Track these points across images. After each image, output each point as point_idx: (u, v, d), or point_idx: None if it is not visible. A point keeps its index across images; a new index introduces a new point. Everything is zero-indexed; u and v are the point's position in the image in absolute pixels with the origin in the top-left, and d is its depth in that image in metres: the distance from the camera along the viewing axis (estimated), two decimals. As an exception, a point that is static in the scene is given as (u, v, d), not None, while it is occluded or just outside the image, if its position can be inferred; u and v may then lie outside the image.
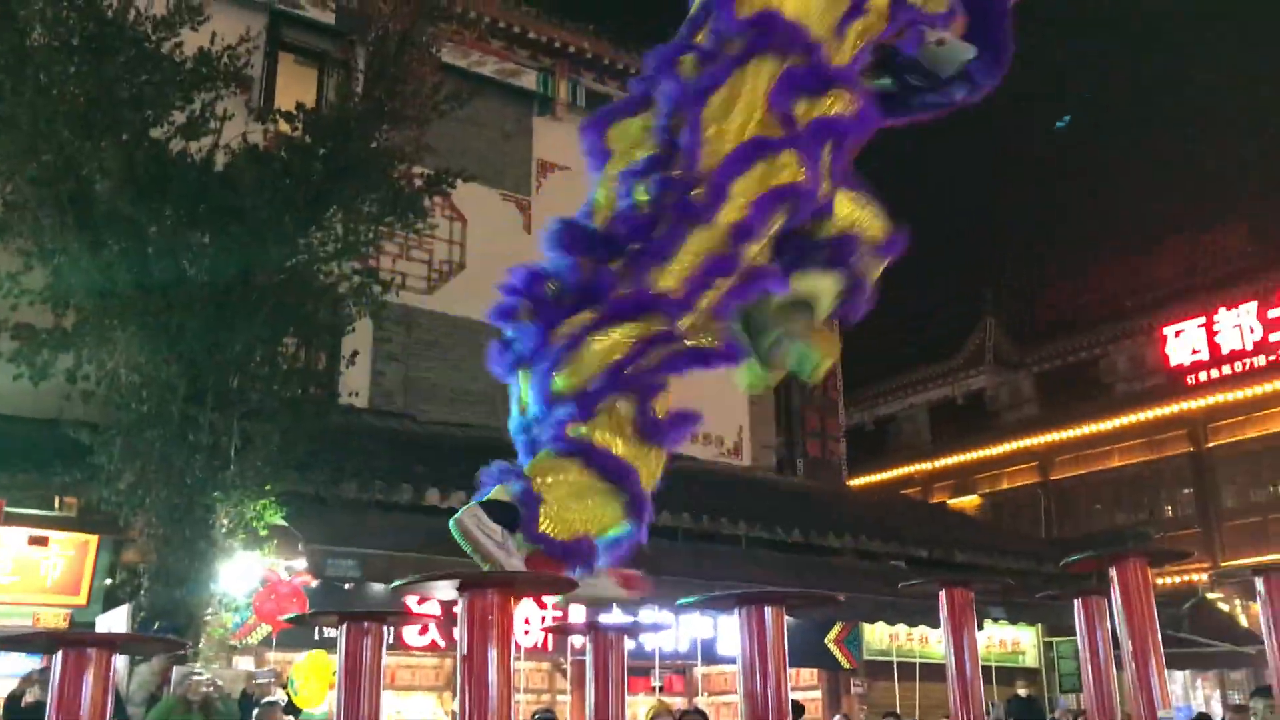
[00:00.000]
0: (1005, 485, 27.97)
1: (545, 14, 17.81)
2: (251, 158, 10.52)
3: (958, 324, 31.85)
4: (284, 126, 11.29)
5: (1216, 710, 17.43)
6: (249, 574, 10.24)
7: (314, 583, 10.72)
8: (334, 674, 9.45)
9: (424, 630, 12.03)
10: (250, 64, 11.61)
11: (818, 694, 15.09)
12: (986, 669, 4.61)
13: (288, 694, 9.29)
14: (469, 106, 13.06)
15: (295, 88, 14.61)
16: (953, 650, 4.40)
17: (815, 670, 14.89)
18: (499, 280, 3.90)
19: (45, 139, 9.63)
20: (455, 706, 12.59)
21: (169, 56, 10.37)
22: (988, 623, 14.80)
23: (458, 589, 2.71)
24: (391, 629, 3.63)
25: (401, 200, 11.27)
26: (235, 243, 9.97)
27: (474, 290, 16.09)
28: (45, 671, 7.53)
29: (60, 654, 2.65)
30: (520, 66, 17.21)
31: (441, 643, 12.14)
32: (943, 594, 4.44)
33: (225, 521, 9.93)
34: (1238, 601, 21.59)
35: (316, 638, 11.02)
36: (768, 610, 3.15)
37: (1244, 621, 20.74)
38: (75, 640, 2.73)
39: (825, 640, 14.43)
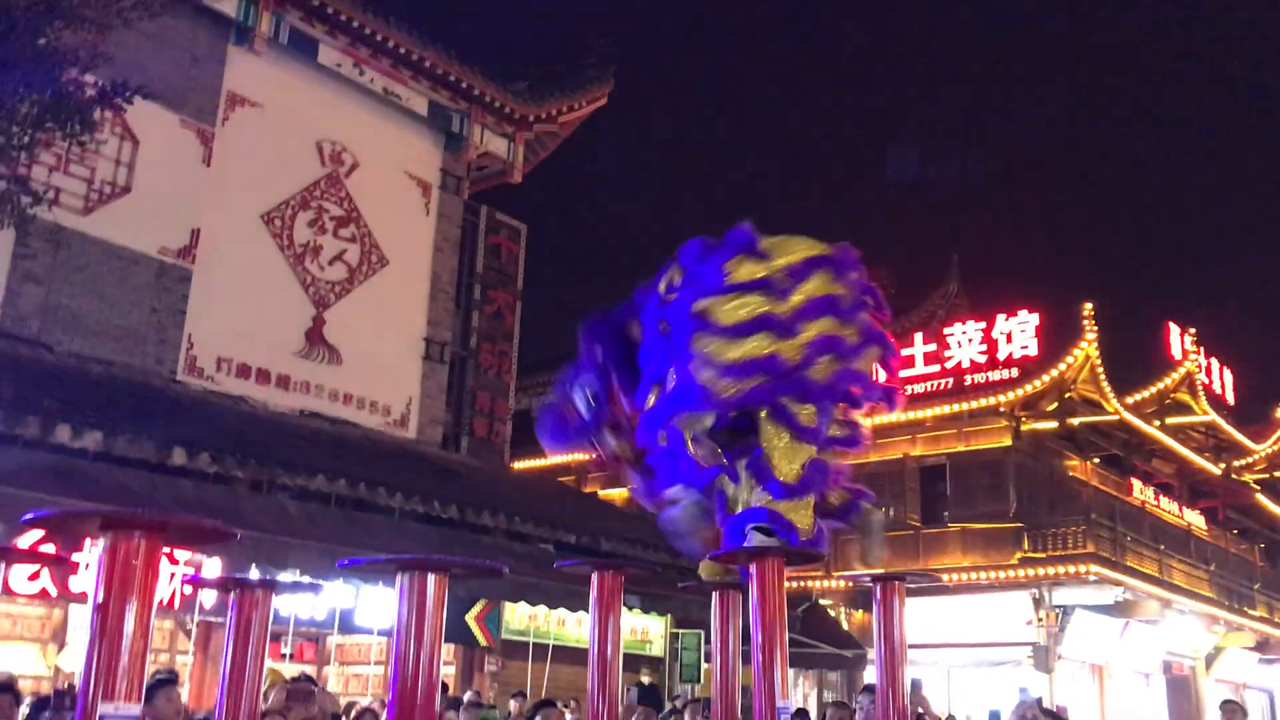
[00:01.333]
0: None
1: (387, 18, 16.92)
2: None
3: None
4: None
5: (813, 707, 19.03)
6: None
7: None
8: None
9: (35, 576, 10.99)
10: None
11: (452, 669, 15.14)
12: (620, 653, 4.82)
13: None
14: (159, 20, 12.10)
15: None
16: (597, 633, 4.57)
17: (451, 646, 14.93)
18: (167, 210, 4.00)
19: None
20: (60, 661, 11.68)
21: None
22: (623, 610, 15.38)
23: (100, 528, 2.51)
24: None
25: (67, 107, 10.25)
26: None
27: (138, 218, 14.88)
28: None
29: None
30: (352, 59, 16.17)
31: (54, 591, 11.15)
32: (595, 577, 4.61)
33: None
34: (843, 609, 23.70)
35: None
36: (430, 578, 3.14)
37: (846, 627, 22.81)
38: None
39: (466, 617, 14.50)
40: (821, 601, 23.15)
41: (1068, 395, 22.94)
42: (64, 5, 10.13)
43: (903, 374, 24.91)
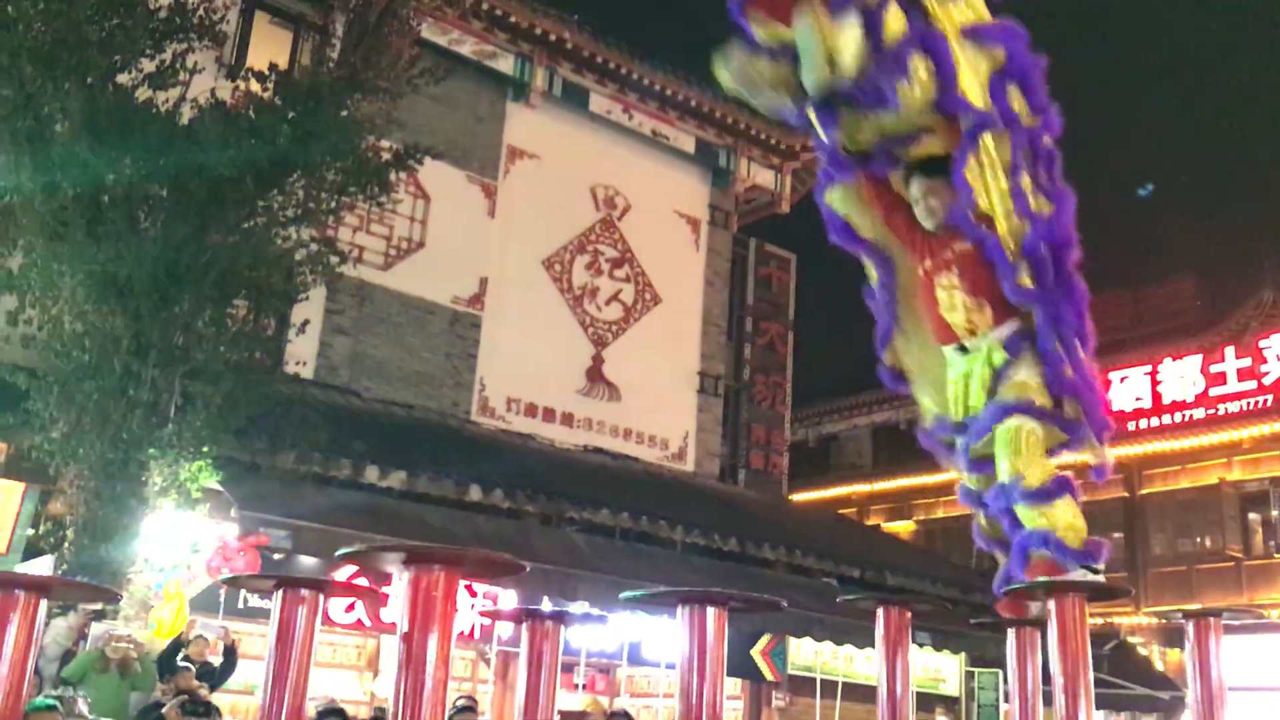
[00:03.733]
0: (940, 514, 28.23)
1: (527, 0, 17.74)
2: (219, 114, 10.32)
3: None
4: (254, 86, 11.08)
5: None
6: (178, 536, 10.03)
7: (268, 548, 10.51)
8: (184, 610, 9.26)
9: (350, 608, 11.88)
10: (225, 20, 11.40)
11: (740, 704, 15.11)
12: (911, 692, 4.62)
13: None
14: (443, 84, 12.94)
15: (268, 48, 14.38)
16: (885, 670, 4.40)
17: (739, 681, 14.91)
18: (457, 261, 4.23)
19: (6, 74, 9.37)
20: (375, 687, 12.41)
21: (143, 2, 10.14)
22: (914, 648, 14.88)
23: (404, 562, 2.65)
24: (321, 601, 3.55)
25: (367, 172, 11.12)
26: (193, 198, 9.77)
27: (432, 270, 15.93)
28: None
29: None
30: (498, 49, 17.08)
31: (367, 622, 12.00)
32: (880, 612, 4.44)
33: (158, 480, 9.72)
34: (1155, 647, 21.98)
35: (240, 606, 10.85)
36: (710, 610, 3.13)
37: (1160, 666, 21.12)
38: (4, 581, 2.63)
39: (751, 651, 14.45)
40: (1130, 639, 21.57)
41: None
42: (362, 79, 11.02)
43: (1214, 391, 23.00)
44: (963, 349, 4.75)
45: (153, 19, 10.22)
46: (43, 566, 9.75)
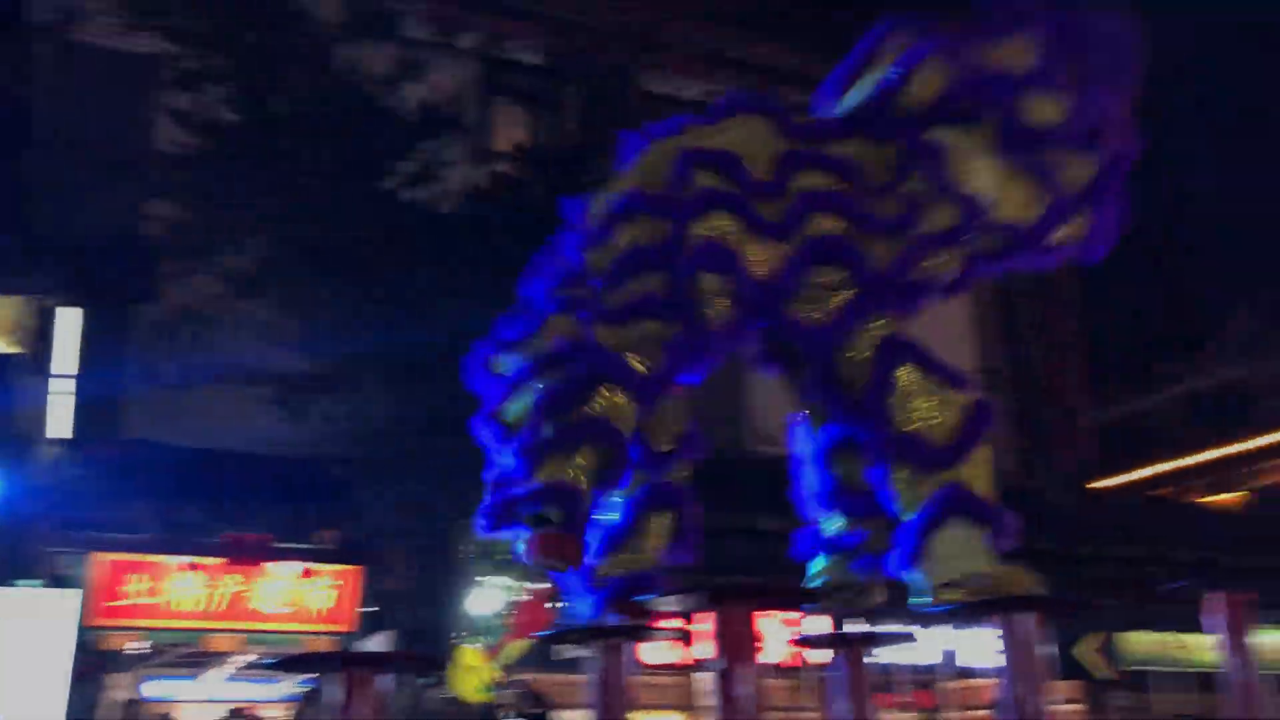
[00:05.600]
0: (1266, 481, 25.88)
1: (744, 35, 17.87)
2: (486, 198, 10.82)
3: (1211, 312, 29.83)
4: (506, 167, 11.59)
5: None
6: (494, 598, 10.60)
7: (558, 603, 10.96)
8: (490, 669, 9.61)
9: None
10: (468, 110, 12.05)
11: (1077, 708, 14.35)
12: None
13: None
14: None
15: (509, 130, 15.12)
16: (1228, 657, 4.11)
17: (1074, 682, 14.17)
18: None
19: (296, 198, 10.29)
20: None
21: (394, 110, 10.91)
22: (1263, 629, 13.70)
23: (710, 600, 2.74)
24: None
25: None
26: (478, 279, 10.35)
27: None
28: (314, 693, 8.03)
29: (345, 673, 2.81)
30: (723, 87, 17.19)
31: (679, 659, 12.17)
32: (1209, 598, 4.15)
33: (473, 549, 10.31)
34: None
35: (557, 660, 11.29)
36: (1027, 617, 3.05)
37: None
38: (355, 659, 2.90)
39: (1076, 650, 13.73)
40: None
41: None
42: (602, 140, 11.41)
43: None
44: None
45: (405, 123, 10.94)
46: (386, 642, 10.57)
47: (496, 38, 15.91)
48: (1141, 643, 14.09)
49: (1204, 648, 13.59)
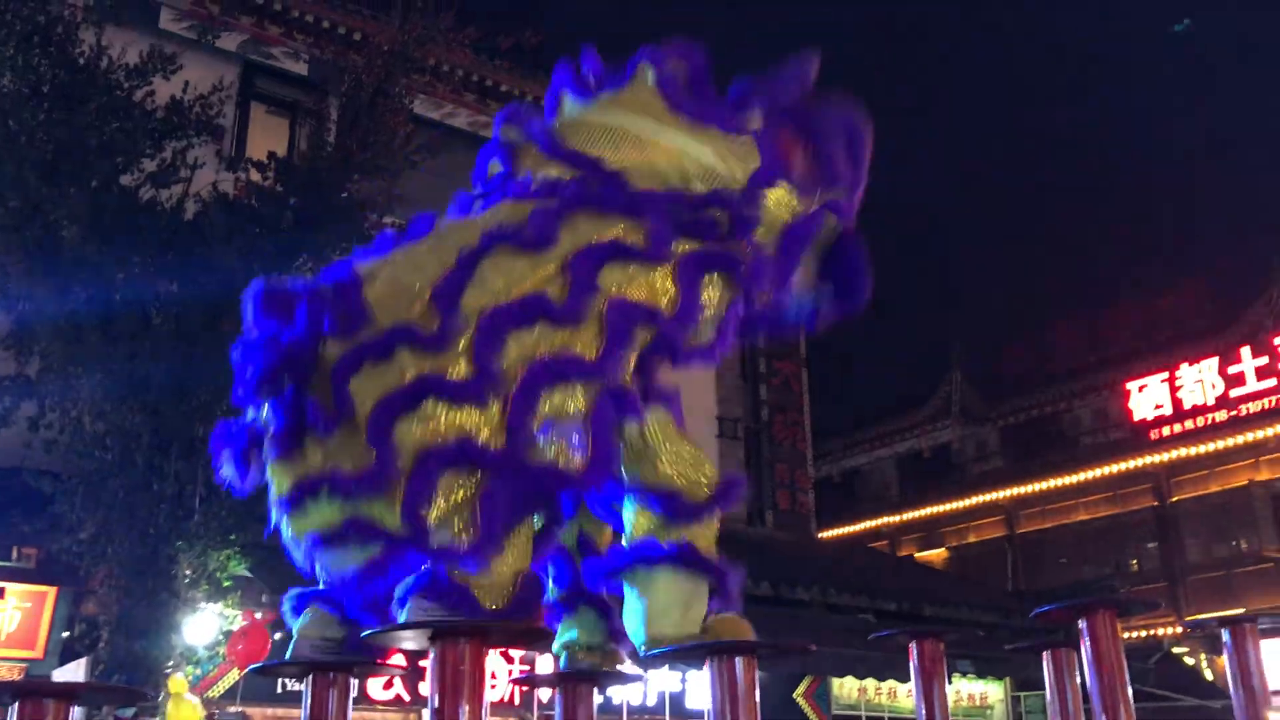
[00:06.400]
0: (972, 538, 28.05)
1: (517, 68, 17.98)
2: (222, 206, 10.50)
3: (925, 377, 32.12)
4: (255, 176, 11.28)
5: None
6: (210, 626, 10.06)
7: (278, 633, 10.53)
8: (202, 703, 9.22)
9: (389, 684, 11.84)
10: (222, 113, 11.62)
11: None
12: (957, 722, 4.61)
13: None
14: (441, 158, 13.10)
15: (266, 137, 14.63)
16: (923, 703, 4.39)
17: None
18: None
19: (11, 185, 9.57)
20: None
21: (140, 105, 10.36)
22: (956, 677, 14.76)
23: (430, 639, 2.68)
24: (357, 683, 3.57)
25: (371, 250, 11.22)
26: (203, 291, 9.90)
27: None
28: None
29: (17, 705, 2.59)
30: (492, 119, 17.24)
31: (406, 697, 11.95)
32: (913, 646, 4.44)
33: (188, 572, 9.77)
34: (1203, 656, 21.68)
35: (279, 691, 10.82)
36: (739, 661, 3.14)
37: (1209, 676, 20.81)
38: (32, 689, 2.67)
39: (794, 695, 14.32)
40: (1175, 650, 21.28)
41: None
42: (359, 160, 11.18)
43: (1234, 392, 22.88)
44: None
45: (151, 119, 10.43)
46: (78, 668, 9.79)
47: (259, 43, 15.38)
48: (852, 689, 14.85)
49: (909, 695, 14.56)
